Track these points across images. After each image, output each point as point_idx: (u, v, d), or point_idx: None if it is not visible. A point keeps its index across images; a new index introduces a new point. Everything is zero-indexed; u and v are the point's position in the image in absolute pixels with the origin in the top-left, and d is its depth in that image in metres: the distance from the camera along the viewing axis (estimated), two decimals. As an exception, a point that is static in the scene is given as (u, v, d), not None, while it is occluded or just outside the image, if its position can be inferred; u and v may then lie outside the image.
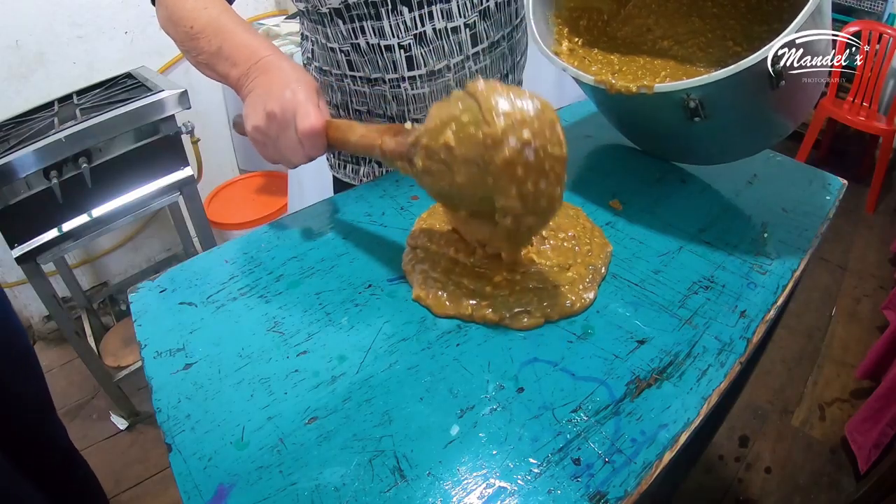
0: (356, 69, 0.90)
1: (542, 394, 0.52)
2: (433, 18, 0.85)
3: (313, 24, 0.91)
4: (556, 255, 0.66)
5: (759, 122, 0.76)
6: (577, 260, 0.65)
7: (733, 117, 0.72)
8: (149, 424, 1.88)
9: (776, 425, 1.80)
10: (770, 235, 0.72)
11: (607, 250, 0.68)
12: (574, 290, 0.62)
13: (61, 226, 1.52)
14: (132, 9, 2.03)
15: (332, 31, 0.88)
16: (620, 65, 0.86)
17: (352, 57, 0.89)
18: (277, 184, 2.30)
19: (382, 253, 0.71)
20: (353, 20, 0.85)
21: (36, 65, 1.91)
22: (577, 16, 0.90)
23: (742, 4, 0.85)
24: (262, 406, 0.52)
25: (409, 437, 0.49)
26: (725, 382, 0.53)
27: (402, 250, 0.70)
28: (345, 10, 0.83)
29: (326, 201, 0.83)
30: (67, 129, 1.44)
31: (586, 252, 0.67)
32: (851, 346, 2.08)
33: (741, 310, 0.61)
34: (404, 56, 0.87)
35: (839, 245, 2.60)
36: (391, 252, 0.70)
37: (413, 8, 0.83)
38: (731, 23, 0.85)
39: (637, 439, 0.48)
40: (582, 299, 0.61)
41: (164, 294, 0.67)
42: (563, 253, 0.66)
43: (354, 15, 0.84)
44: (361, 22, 0.84)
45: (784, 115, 0.76)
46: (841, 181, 0.85)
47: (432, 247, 0.68)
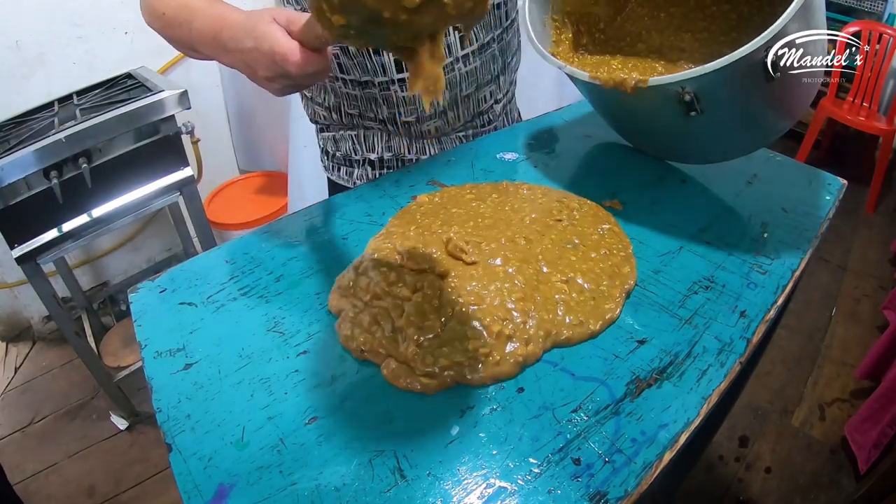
0: (346, 72, 0.90)
1: (542, 394, 0.52)
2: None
3: None
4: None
5: (755, 118, 0.76)
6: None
7: (729, 112, 0.72)
8: (149, 425, 1.88)
9: (776, 425, 1.80)
10: (770, 235, 0.72)
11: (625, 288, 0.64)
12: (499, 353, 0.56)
13: (61, 226, 1.52)
14: (132, 9, 2.00)
15: None
16: (616, 66, 0.86)
17: (341, 60, 0.89)
18: (277, 184, 2.30)
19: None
20: None
21: (36, 65, 1.91)
22: (575, 20, 0.91)
23: (733, 16, 0.85)
24: (263, 406, 0.52)
25: (410, 436, 0.49)
26: (725, 382, 0.53)
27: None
28: None
29: (326, 202, 0.83)
30: (67, 129, 1.45)
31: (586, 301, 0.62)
32: (851, 347, 2.08)
33: (741, 310, 0.61)
34: (393, 58, 0.87)
35: (839, 245, 2.60)
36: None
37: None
38: (721, 38, 0.86)
39: (637, 439, 0.48)
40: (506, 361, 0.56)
41: (165, 294, 0.67)
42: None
43: None
44: None
45: (781, 111, 0.76)
46: (841, 181, 0.85)
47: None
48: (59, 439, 1.86)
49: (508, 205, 0.76)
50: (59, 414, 1.95)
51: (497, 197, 0.78)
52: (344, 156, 1.02)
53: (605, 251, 0.68)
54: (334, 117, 0.99)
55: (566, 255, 0.66)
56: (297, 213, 0.80)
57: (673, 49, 0.88)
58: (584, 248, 0.68)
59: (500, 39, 0.93)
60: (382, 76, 0.88)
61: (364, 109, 0.94)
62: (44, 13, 1.86)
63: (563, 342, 0.57)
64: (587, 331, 0.58)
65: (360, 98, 0.93)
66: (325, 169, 1.09)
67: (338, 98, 0.96)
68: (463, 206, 0.76)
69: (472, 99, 0.93)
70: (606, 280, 0.63)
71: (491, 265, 0.64)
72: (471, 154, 0.91)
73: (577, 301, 0.61)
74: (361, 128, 0.98)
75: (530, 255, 0.66)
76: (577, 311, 0.59)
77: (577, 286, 0.62)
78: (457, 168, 0.88)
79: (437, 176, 0.86)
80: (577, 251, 0.67)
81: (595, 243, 0.69)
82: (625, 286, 0.63)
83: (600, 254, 0.67)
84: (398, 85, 0.89)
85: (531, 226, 0.71)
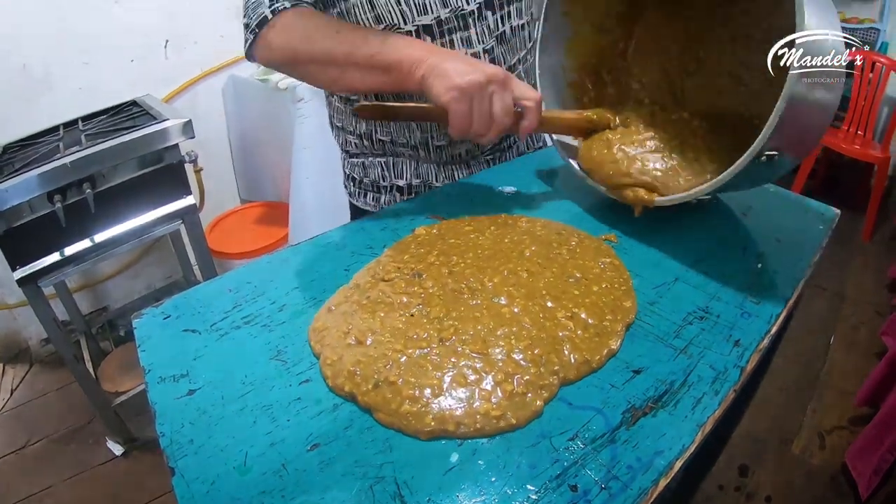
0: (381, 98, 0.92)
1: (539, 422, 0.53)
2: (454, 46, 0.89)
3: None
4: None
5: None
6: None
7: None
8: (145, 451, 1.87)
9: (776, 454, 1.79)
10: (764, 266, 0.74)
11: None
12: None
13: (64, 250, 1.54)
14: (139, 37, 2.07)
15: None
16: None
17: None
18: (278, 214, 2.32)
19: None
20: None
21: (43, 88, 1.94)
22: (589, 70, 0.96)
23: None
24: (265, 432, 0.53)
25: (410, 464, 0.50)
26: (720, 410, 0.54)
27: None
28: None
29: (328, 234, 0.84)
30: (72, 154, 1.47)
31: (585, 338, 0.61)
32: (850, 374, 2.08)
33: (735, 339, 0.62)
34: None
35: (836, 273, 2.62)
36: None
37: (435, 37, 0.87)
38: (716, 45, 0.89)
39: (633, 466, 0.48)
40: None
41: (168, 321, 0.68)
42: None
43: None
44: None
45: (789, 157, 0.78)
46: (834, 211, 0.86)
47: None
48: (54, 463, 1.85)
49: (507, 237, 0.77)
50: (54, 437, 1.95)
51: (495, 230, 0.79)
52: (372, 182, 1.05)
53: (607, 285, 0.68)
54: (365, 144, 1.02)
55: (569, 290, 0.67)
56: (300, 245, 0.82)
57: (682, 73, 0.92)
58: (585, 282, 0.68)
59: (524, 61, 0.96)
60: (417, 100, 0.91)
61: (396, 135, 0.97)
62: (52, 37, 1.90)
63: (568, 382, 0.57)
64: (590, 368, 0.58)
65: (392, 124, 0.96)
66: (349, 195, 1.12)
67: (369, 125, 0.99)
68: (461, 237, 0.77)
69: None
70: (609, 314, 0.64)
71: (495, 303, 0.64)
72: (470, 188, 0.93)
73: (581, 338, 0.60)
74: (392, 154, 1.01)
75: (534, 289, 0.66)
76: (583, 349, 0.59)
77: (582, 322, 0.62)
78: (457, 202, 0.90)
79: (437, 209, 0.87)
80: (579, 285, 0.67)
81: (597, 277, 0.69)
82: (626, 320, 0.64)
83: (602, 287, 0.68)
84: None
85: (532, 258, 0.72)
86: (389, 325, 0.62)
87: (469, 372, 0.56)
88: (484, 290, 0.66)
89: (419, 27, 0.86)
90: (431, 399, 0.54)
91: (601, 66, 0.97)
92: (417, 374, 0.56)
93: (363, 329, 0.62)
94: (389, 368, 0.57)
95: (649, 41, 0.95)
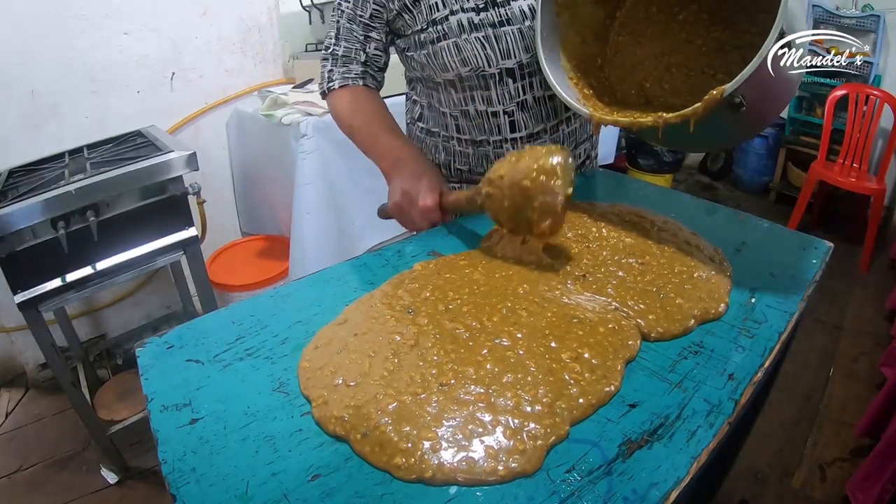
0: (463, 132, 1.04)
1: (537, 454, 0.54)
2: (533, 88, 1.00)
3: (428, 90, 1.07)
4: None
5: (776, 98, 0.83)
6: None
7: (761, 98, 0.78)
8: (139, 480, 1.85)
9: (777, 488, 1.78)
10: (758, 300, 0.75)
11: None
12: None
13: (65, 276, 1.54)
14: (145, 69, 2.11)
15: (444, 97, 1.04)
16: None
17: (460, 122, 1.03)
18: (279, 248, 2.32)
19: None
20: (465, 89, 1.00)
21: (49, 115, 1.97)
22: (584, 70, 0.99)
23: (704, 15, 0.93)
24: (267, 462, 0.53)
25: (409, 495, 0.50)
26: (714, 442, 0.54)
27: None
28: (458, 81, 0.99)
29: (331, 269, 0.86)
30: (77, 181, 1.49)
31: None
32: (850, 405, 2.07)
33: (729, 373, 0.63)
34: (508, 121, 1.00)
35: (834, 305, 2.63)
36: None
37: (517, 79, 0.97)
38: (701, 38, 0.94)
39: (629, 497, 0.49)
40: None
41: (172, 350, 0.69)
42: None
43: (466, 85, 0.99)
44: (472, 91, 1.00)
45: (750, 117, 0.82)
46: (827, 244, 0.88)
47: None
48: (47, 489, 1.82)
49: (498, 272, 0.79)
50: (47, 463, 1.92)
51: (486, 263, 0.82)
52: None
53: (614, 325, 0.67)
54: (443, 172, 1.11)
55: (573, 330, 0.66)
56: (302, 280, 0.83)
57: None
58: (591, 324, 0.67)
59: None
60: (497, 135, 1.03)
61: (474, 165, 1.08)
62: (60, 66, 1.93)
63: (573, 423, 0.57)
64: (593, 409, 0.58)
65: (471, 155, 1.07)
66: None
67: (449, 155, 1.10)
68: (456, 272, 0.80)
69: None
70: (612, 353, 0.64)
71: (498, 345, 0.64)
72: (470, 227, 0.95)
73: (588, 381, 0.60)
74: (468, 181, 1.11)
75: (536, 330, 0.66)
76: (589, 393, 0.58)
77: (587, 364, 0.62)
78: (456, 239, 0.92)
79: (437, 247, 0.90)
80: (583, 325, 0.67)
81: (601, 318, 0.69)
82: (626, 358, 0.64)
83: (608, 328, 0.67)
84: (510, 143, 1.02)
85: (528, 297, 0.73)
86: (380, 365, 0.62)
87: (474, 426, 0.55)
88: (484, 331, 0.66)
89: (502, 70, 0.96)
90: (430, 453, 0.52)
91: (588, 74, 1.00)
92: (413, 423, 0.55)
93: (351, 370, 0.62)
94: (380, 415, 0.56)
95: (620, 65, 1.01)
